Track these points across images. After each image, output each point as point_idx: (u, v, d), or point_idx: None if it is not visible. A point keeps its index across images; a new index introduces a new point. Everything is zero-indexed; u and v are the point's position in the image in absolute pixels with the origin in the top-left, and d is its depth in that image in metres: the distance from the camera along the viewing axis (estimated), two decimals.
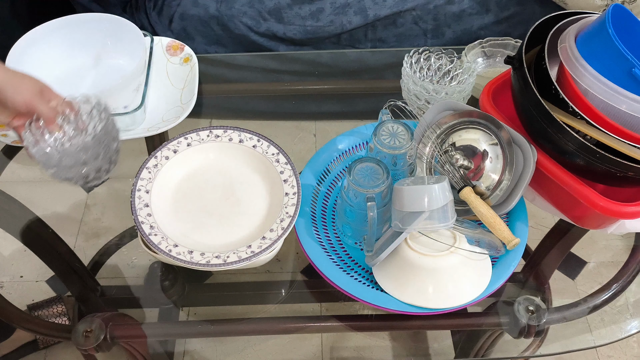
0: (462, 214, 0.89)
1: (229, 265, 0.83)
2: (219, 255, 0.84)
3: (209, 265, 0.83)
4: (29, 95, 0.83)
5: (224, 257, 0.84)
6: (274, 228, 0.87)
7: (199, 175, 0.93)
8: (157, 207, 0.87)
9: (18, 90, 0.82)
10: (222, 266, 0.83)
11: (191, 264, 0.83)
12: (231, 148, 0.95)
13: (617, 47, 0.78)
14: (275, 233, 0.86)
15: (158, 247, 0.82)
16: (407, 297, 0.84)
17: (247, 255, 0.84)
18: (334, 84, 1.32)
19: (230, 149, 0.95)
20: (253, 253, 0.84)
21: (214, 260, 0.83)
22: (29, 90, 0.83)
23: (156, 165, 0.91)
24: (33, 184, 1.13)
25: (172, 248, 0.83)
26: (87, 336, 0.85)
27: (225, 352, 1.03)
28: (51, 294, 1.09)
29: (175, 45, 1.20)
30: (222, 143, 0.95)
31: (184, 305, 0.98)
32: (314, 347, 1.11)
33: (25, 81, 0.83)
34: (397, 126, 0.92)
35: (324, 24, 1.42)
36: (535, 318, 0.88)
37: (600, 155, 0.80)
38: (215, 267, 0.83)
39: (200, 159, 0.94)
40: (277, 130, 0.91)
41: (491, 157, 0.89)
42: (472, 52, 1.15)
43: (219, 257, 0.83)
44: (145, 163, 0.90)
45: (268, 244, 0.85)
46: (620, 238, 1.06)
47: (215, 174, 0.94)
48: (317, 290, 0.99)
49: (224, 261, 0.83)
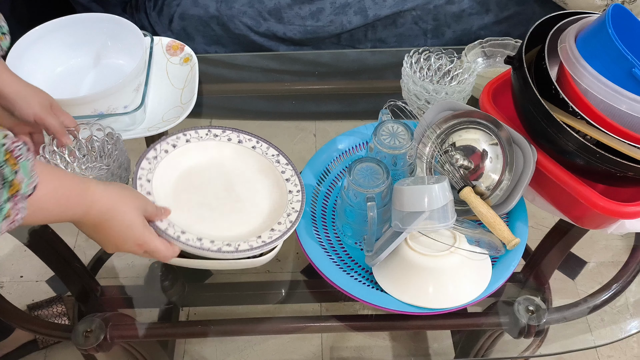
0: (462, 214, 0.89)
1: (240, 252, 0.81)
2: (230, 244, 0.82)
3: (220, 252, 0.80)
4: (39, 108, 0.85)
5: (235, 245, 0.82)
6: (282, 221, 0.86)
7: (199, 171, 0.93)
8: (159, 197, 0.87)
9: (29, 103, 0.84)
10: (233, 253, 0.81)
11: (202, 250, 0.80)
12: (230, 147, 0.95)
13: (617, 47, 0.78)
14: (284, 225, 0.86)
15: (165, 233, 0.81)
16: (407, 297, 0.84)
17: (258, 245, 0.82)
18: (334, 84, 1.32)
19: (229, 148, 0.95)
20: (264, 242, 0.83)
21: (225, 248, 0.81)
22: (40, 104, 0.85)
23: (156, 157, 0.90)
24: None
25: (180, 235, 0.81)
26: (87, 336, 0.85)
27: (225, 352, 1.03)
28: (51, 294, 1.09)
29: (175, 45, 1.20)
30: (221, 142, 0.95)
31: (184, 305, 0.98)
32: (314, 347, 1.11)
33: (36, 95, 0.85)
34: (397, 126, 0.92)
35: (324, 24, 1.42)
36: (535, 318, 0.88)
37: (600, 155, 0.80)
38: (227, 254, 0.81)
39: (199, 155, 0.94)
40: (277, 130, 0.91)
41: (491, 157, 0.89)
42: (472, 52, 1.16)
43: (230, 245, 0.81)
44: (145, 154, 0.89)
45: (278, 235, 0.84)
46: (620, 238, 1.06)
47: (215, 170, 0.93)
48: (317, 290, 0.99)
49: (235, 249, 0.81)
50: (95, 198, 0.71)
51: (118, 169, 0.91)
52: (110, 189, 0.73)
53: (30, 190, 0.59)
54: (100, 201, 0.71)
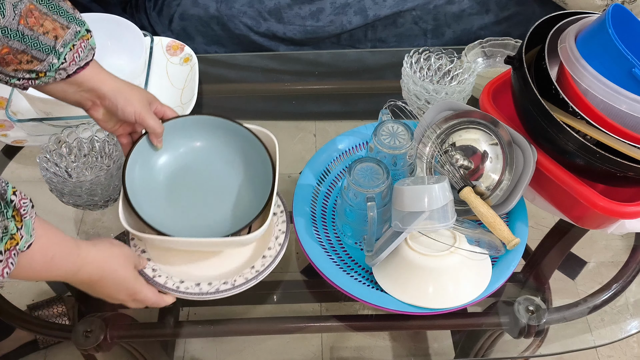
0: (462, 214, 0.89)
1: (238, 288, 0.85)
2: (227, 281, 0.86)
3: (218, 292, 0.85)
4: (140, 106, 0.83)
5: (231, 282, 0.86)
6: (271, 246, 0.89)
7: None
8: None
9: (130, 101, 0.82)
10: (231, 290, 0.85)
11: (201, 295, 0.85)
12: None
13: (617, 47, 0.78)
14: (274, 250, 0.89)
15: (165, 287, 0.85)
16: (407, 297, 0.84)
17: (252, 275, 0.86)
18: (334, 84, 1.32)
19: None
20: (258, 272, 0.86)
21: (222, 287, 0.85)
22: (140, 101, 0.83)
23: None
24: (33, 184, 1.13)
25: (180, 284, 0.85)
26: (87, 336, 0.85)
27: (225, 352, 1.03)
28: (51, 294, 1.09)
29: (175, 45, 1.20)
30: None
31: (184, 305, 0.98)
32: (314, 347, 1.11)
33: (136, 92, 0.84)
34: (397, 126, 0.92)
35: (324, 24, 1.42)
36: (535, 318, 0.88)
37: (600, 155, 0.80)
38: (224, 292, 0.85)
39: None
40: (277, 130, 0.91)
41: (491, 157, 0.89)
42: (472, 52, 1.16)
43: (227, 283, 0.86)
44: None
45: (269, 262, 0.87)
46: (620, 238, 1.06)
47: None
48: (317, 290, 0.99)
49: (232, 285, 0.85)
50: (87, 260, 0.72)
51: (117, 170, 0.91)
52: (100, 247, 0.75)
53: (25, 248, 0.60)
54: (92, 263, 0.72)
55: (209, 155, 0.93)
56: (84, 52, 0.76)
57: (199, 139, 0.93)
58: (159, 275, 0.86)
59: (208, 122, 0.92)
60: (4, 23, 0.68)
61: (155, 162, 0.90)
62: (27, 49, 0.71)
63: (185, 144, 0.92)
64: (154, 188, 0.89)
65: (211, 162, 0.93)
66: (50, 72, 0.74)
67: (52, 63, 0.73)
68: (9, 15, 0.68)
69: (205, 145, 0.93)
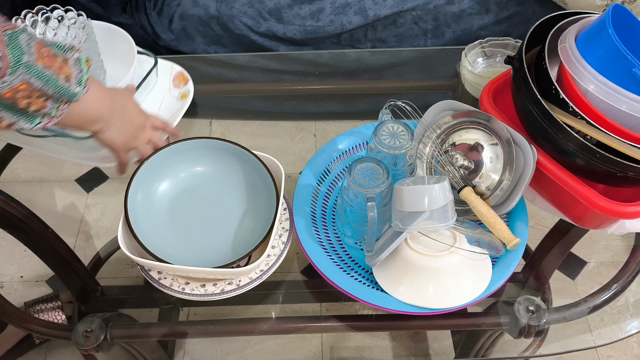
0: (462, 214, 0.89)
1: (242, 288, 0.85)
2: (231, 282, 0.86)
3: (224, 292, 0.85)
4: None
5: (236, 283, 0.86)
6: (275, 245, 0.89)
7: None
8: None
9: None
10: (236, 290, 0.85)
11: (206, 296, 0.85)
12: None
13: (617, 47, 0.78)
14: (277, 249, 0.89)
15: (171, 289, 0.85)
16: (407, 297, 0.84)
17: (257, 275, 0.86)
18: (334, 84, 1.32)
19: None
20: (262, 271, 0.86)
21: (227, 287, 0.85)
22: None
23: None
24: (33, 184, 1.13)
25: (185, 286, 0.85)
26: (87, 336, 0.85)
27: (225, 352, 1.03)
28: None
29: (182, 77, 1.13)
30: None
31: (184, 305, 0.98)
32: (314, 347, 1.11)
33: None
34: (397, 126, 0.92)
35: (324, 24, 1.42)
36: (535, 318, 0.88)
37: (600, 155, 0.80)
38: (229, 293, 0.85)
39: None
40: (277, 130, 0.91)
41: (491, 157, 0.89)
42: (472, 52, 1.16)
43: (232, 284, 0.86)
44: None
45: (273, 261, 0.87)
46: (620, 238, 1.06)
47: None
48: (317, 290, 0.99)
49: (237, 286, 0.85)
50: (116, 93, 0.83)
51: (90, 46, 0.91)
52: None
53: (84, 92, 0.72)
54: (118, 91, 0.85)
55: (212, 180, 0.93)
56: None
57: (203, 163, 0.93)
58: (165, 277, 0.86)
59: (215, 146, 0.91)
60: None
61: (157, 188, 0.91)
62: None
63: (187, 168, 0.92)
64: (155, 213, 0.89)
65: (214, 187, 0.93)
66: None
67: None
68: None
69: (208, 170, 0.93)
